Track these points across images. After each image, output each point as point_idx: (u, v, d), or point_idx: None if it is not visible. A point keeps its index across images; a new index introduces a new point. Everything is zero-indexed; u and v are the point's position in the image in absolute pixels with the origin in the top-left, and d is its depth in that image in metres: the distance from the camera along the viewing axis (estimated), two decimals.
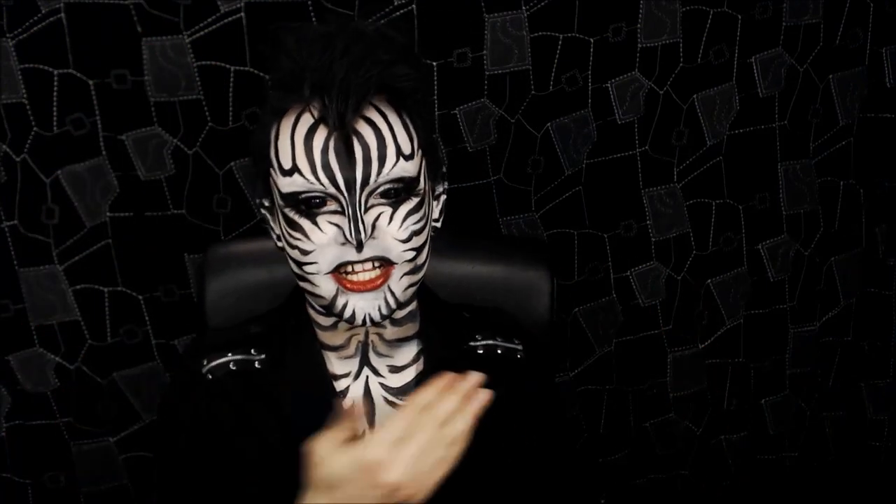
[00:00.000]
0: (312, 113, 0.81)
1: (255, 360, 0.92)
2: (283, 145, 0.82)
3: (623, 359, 1.46)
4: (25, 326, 1.26)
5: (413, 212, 0.84)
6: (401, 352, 0.93)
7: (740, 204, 1.43)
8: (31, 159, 1.20)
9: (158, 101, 1.20)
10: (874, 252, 1.52)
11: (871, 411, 1.59)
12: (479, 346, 0.96)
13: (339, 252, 0.82)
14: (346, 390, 0.91)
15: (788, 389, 1.55)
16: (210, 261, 1.13)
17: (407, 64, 0.83)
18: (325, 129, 0.80)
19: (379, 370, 0.92)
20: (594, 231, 1.40)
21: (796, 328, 1.52)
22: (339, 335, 0.91)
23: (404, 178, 0.83)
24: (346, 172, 0.80)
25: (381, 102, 0.83)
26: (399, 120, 0.83)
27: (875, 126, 1.45)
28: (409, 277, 0.85)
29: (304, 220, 0.82)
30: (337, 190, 0.81)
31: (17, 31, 1.14)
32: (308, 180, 0.81)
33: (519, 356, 0.96)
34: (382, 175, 0.81)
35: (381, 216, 0.82)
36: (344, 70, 0.78)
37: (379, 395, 0.91)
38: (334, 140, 0.80)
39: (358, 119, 0.81)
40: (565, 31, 1.28)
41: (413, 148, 0.84)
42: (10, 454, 1.31)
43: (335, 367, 0.92)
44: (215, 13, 1.17)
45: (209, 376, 0.91)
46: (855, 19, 1.38)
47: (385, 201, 0.83)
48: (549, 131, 1.32)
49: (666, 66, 1.33)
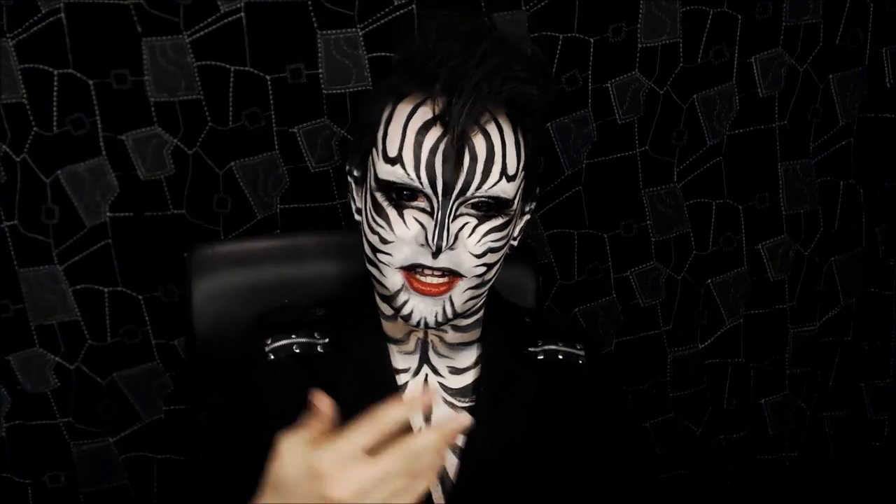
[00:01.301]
0: (433, 108, 0.79)
1: (318, 345, 0.91)
2: (394, 131, 0.81)
3: (623, 359, 1.46)
4: (25, 326, 1.26)
5: (497, 230, 0.83)
6: (462, 355, 0.92)
7: (740, 204, 1.43)
8: (31, 159, 1.20)
9: (158, 101, 1.20)
10: (874, 252, 1.52)
11: (871, 411, 1.59)
12: (539, 351, 0.95)
13: (415, 252, 0.81)
14: (405, 385, 0.90)
15: (788, 389, 1.55)
16: (195, 263, 1.12)
17: (538, 84, 0.81)
18: (440, 129, 0.79)
19: (439, 370, 0.91)
20: (594, 231, 1.40)
21: (796, 328, 1.52)
22: (400, 328, 0.90)
23: (500, 198, 0.82)
24: (447, 178, 0.79)
25: (501, 115, 0.82)
26: (513, 137, 0.82)
27: (875, 126, 1.45)
28: (472, 291, 0.84)
29: (392, 209, 0.82)
30: (433, 192, 0.80)
31: (17, 31, 1.14)
32: (408, 174, 0.80)
33: (581, 361, 0.96)
34: (482, 190, 0.80)
35: (465, 227, 0.82)
36: (478, 77, 0.77)
37: (437, 394, 0.91)
38: (446, 142, 0.79)
39: (475, 128, 0.79)
40: (565, 31, 1.28)
41: (518, 168, 0.83)
42: (10, 454, 1.30)
43: (397, 362, 0.91)
44: (215, 13, 1.17)
45: (271, 356, 0.90)
46: (855, 19, 1.38)
47: (474, 213, 0.82)
48: (549, 131, 1.32)
49: (666, 66, 1.33)
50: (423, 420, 0.89)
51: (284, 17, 1.19)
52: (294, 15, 1.19)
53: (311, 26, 1.20)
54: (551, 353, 0.95)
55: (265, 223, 1.29)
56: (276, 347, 0.90)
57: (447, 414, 0.89)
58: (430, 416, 0.89)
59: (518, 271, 1.14)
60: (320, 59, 1.21)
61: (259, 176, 1.27)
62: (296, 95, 1.23)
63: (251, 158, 1.26)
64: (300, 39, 1.20)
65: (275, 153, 1.26)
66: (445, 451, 0.70)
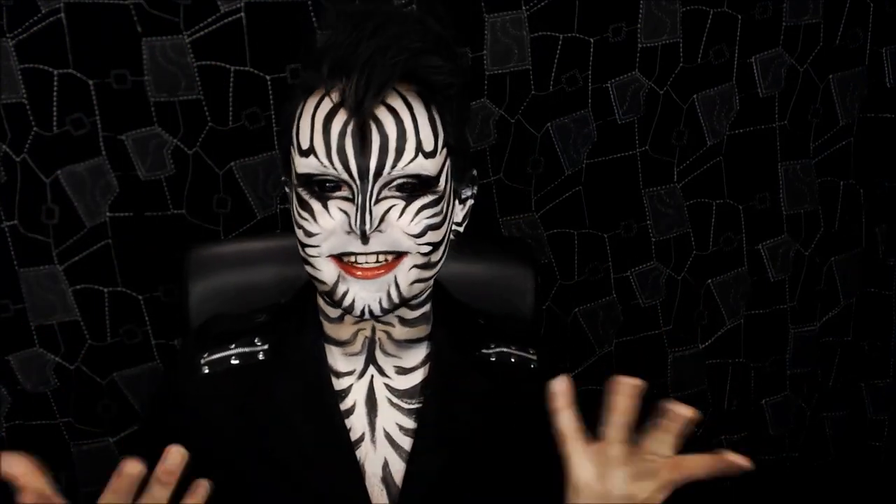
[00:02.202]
0: (336, 94, 0.78)
1: (259, 352, 0.89)
2: (304, 125, 0.79)
3: (623, 359, 1.46)
4: (25, 326, 1.26)
5: (428, 206, 0.80)
6: (410, 353, 0.89)
7: (740, 204, 1.43)
8: (31, 159, 1.20)
9: (158, 101, 1.20)
10: (874, 252, 1.52)
11: (871, 411, 1.59)
12: (492, 353, 0.93)
13: (343, 240, 0.78)
14: (348, 389, 0.88)
15: (788, 389, 1.55)
16: (192, 264, 1.10)
17: (440, 55, 0.79)
18: (345, 113, 0.77)
19: (385, 370, 0.88)
20: (594, 231, 1.40)
21: (796, 328, 1.52)
22: (346, 329, 0.87)
23: (421, 176, 0.79)
24: (359, 160, 0.77)
25: (410, 93, 0.79)
26: (426, 114, 0.79)
27: (875, 126, 1.45)
28: (418, 271, 0.81)
29: (316, 201, 0.79)
30: (349, 177, 0.77)
31: (17, 31, 1.14)
32: (322, 163, 0.78)
33: (533, 366, 0.93)
34: (397, 168, 0.77)
35: (393, 209, 0.79)
36: (369, 52, 0.75)
37: (383, 397, 0.88)
38: (352, 125, 0.77)
39: (379, 106, 0.77)
40: (565, 31, 1.28)
41: (436, 146, 0.80)
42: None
43: (339, 364, 0.88)
44: (215, 13, 1.17)
45: (206, 370, 0.88)
46: (855, 19, 1.38)
47: (399, 195, 0.79)
48: (549, 131, 1.32)
49: (666, 66, 1.33)
50: (368, 426, 0.87)
51: (284, 17, 1.18)
52: (294, 15, 1.19)
53: (311, 26, 1.20)
54: (504, 356, 0.93)
55: (265, 223, 1.29)
56: (212, 360, 0.88)
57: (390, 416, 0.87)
58: (374, 421, 0.87)
59: (517, 271, 1.14)
60: None
61: (259, 176, 1.27)
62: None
63: (251, 158, 1.26)
64: (300, 39, 1.20)
65: (275, 153, 1.26)
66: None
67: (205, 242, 1.18)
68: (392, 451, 0.86)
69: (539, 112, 1.31)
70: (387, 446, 0.86)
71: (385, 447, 0.86)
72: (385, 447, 0.86)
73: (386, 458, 0.86)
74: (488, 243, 1.24)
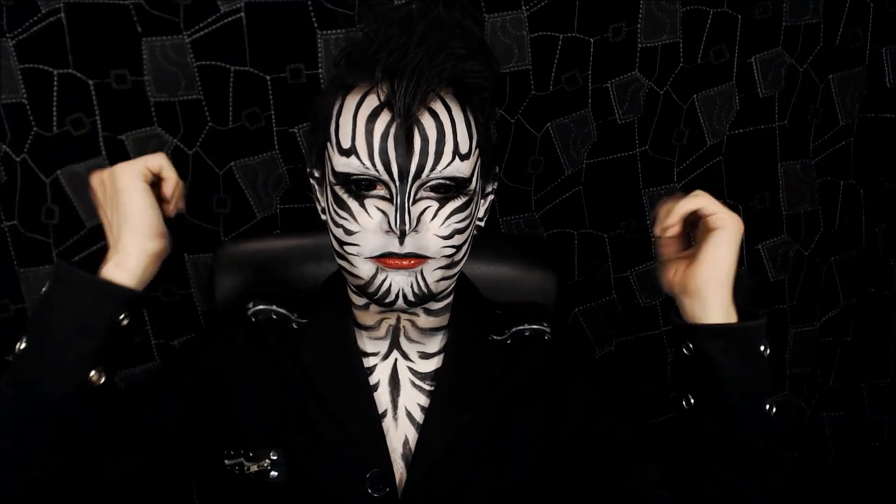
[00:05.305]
0: (379, 95, 0.80)
1: (293, 321, 0.94)
2: (345, 123, 0.82)
3: (623, 359, 1.46)
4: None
5: (459, 210, 0.84)
6: (432, 340, 0.94)
7: (740, 204, 1.43)
8: (31, 159, 1.20)
9: (158, 101, 1.20)
10: (874, 252, 1.52)
11: (871, 411, 1.59)
12: (508, 336, 0.96)
13: (382, 241, 0.82)
14: (373, 368, 0.92)
15: (788, 389, 1.55)
16: (219, 260, 1.14)
17: (479, 60, 0.82)
18: (389, 115, 0.80)
19: (409, 354, 0.93)
20: (594, 231, 1.40)
21: (796, 328, 1.52)
22: (371, 316, 0.92)
23: (457, 178, 0.82)
24: (401, 161, 0.80)
25: (448, 96, 0.83)
26: (462, 116, 0.83)
27: (875, 126, 1.45)
28: (443, 272, 0.85)
29: (353, 200, 0.83)
30: (390, 177, 0.81)
31: (17, 31, 1.14)
32: (364, 164, 0.81)
33: (547, 337, 0.97)
34: (436, 171, 0.81)
35: (427, 210, 0.82)
36: (419, 58, 0.78)
37: (406, 378, 0.92)
38: (396, 127, 0.80)
39: (423, 109, 0.80)
40: (565, 31, 1.28)
41: (471, 147, 0.83)
42: None
43: (366, 345, 0.93)
44: (215, 13, 1.17)
45: (252, 319, 0.94)
46: (855, 19, 1.39)
47: (434, 195, 0.83)
48: (549, 131, 1.32)
49: (666, 66, 1.33)
50: (391, 404, 0.91)
51: (284, 17, 1.19)
52: (294, 15, 1.19)
53: (311, 26, 1.20)
54: (518, 333, 0.97)
55: (265, 223, 1.29)
56: (256, 311, 0.95)
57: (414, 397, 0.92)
58: (397, 400, 0.91)
59: (538, 273, 1.16)
60: (320, 59, 1.21)
61: (259, 176, 1.27)
62: (296, 95, 1.23)
63: (251, 158, 1.26)
64: (300, 39, 1.20)
65: (275, 153, 1.26)
66: None
67: (231, 240, 1.23)
68: (412, 429, 0.90)
69: (539, 112, 1.31)
70: (407, 424, 0.91)
71: (406, 425, 0.90)
72: (406, 425, 0.90)
73: (406, 435, 0.90)
74: (508, 244, 1.26)
